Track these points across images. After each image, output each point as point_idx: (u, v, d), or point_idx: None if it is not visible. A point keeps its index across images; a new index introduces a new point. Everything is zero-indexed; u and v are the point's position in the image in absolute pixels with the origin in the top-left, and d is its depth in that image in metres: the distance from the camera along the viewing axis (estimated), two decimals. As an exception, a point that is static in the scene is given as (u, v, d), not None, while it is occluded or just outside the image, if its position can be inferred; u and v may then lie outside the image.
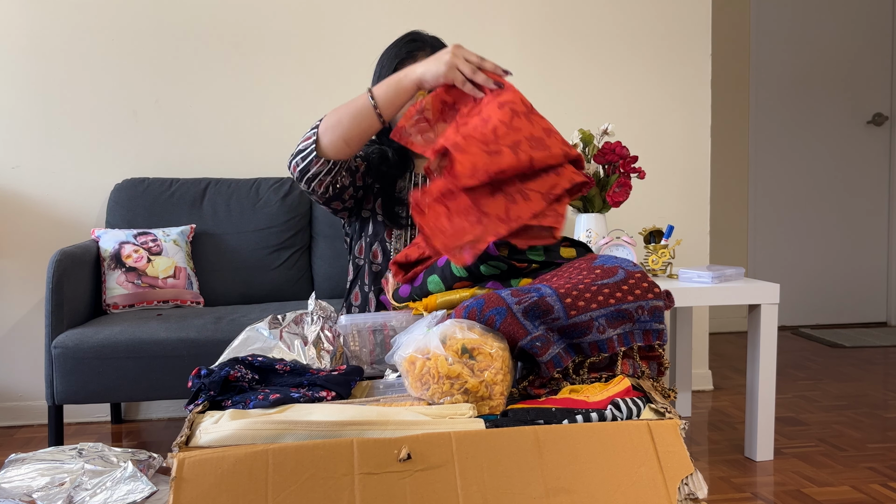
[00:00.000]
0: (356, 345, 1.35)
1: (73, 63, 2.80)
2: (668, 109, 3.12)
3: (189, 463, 0.88)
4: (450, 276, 1.33)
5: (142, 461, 1.29)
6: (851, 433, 2.57)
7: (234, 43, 2.88)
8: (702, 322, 3.20)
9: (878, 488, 2.10)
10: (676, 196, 3.13)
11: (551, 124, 1.36)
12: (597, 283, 1.15)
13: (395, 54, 1.72)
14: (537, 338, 1.09)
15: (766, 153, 4.36)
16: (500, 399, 1.06)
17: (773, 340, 2.32)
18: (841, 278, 4.45)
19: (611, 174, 2.49)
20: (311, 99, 2.92)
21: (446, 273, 1.33)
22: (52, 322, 2.25)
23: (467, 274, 1.31)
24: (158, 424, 2.83)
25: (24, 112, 2.78)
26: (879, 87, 4.39)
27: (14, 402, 2.82)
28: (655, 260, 2.46)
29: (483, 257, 1.27)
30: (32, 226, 2.79)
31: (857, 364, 3.53)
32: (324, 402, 1.07)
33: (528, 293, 1.12)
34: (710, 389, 3.18)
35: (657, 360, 1.17)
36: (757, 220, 4.38)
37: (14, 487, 1.24)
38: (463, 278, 1.32)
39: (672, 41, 3.10)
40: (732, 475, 2.22)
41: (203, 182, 2.76)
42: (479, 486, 0.90)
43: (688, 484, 0.93)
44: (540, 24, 3.03)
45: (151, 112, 2.85)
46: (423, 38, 1.75)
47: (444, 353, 1.04)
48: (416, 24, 2.94)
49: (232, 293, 2.67)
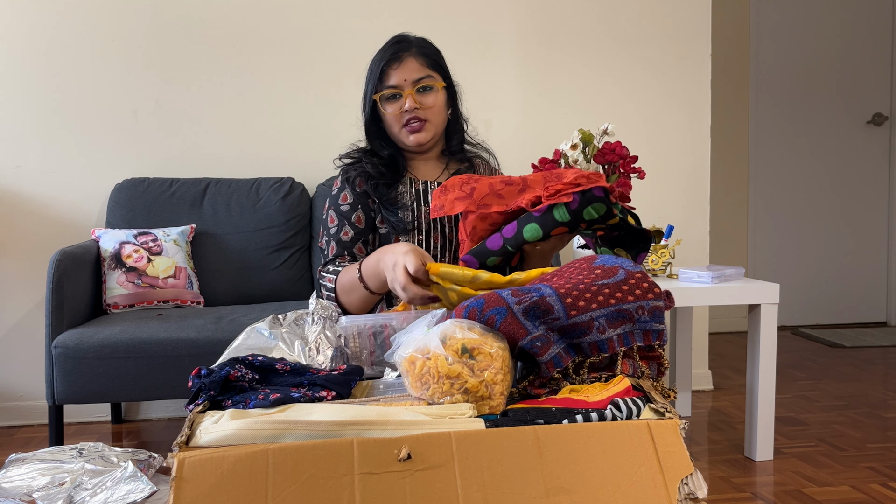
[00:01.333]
0: (356, 346, 1.35)
1: (73, 63, 2.80)
2: (667, 109, 3.12)
3: (189, 463, 0.88)
4: (550, 222, 1.40)
5: (142, 461, 1.29)
6: (851, 433, 2.57)
7: (234, 43, 2.88)
8: (702, 322, 3.20)
9: (878, 488, 2.10)
10: (676, 196, 3.13)
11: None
12: (597, 283, 1.15)
13: (381, 58, 1.71)
14: (537, 338, 1.09)
15: (766, 153, 4.36)
16: (500, 399, 1.06)
17: (773, 340, 2.32)
18: (841, 278, 4.45)
19: (611, 174, 2.49)
20: (311, 99, 2.92)
21: (546, 220, 1.40)
22: (53, 322, 2.25)
23: (569, 218, 1.39)
24: (158, 424, 2.83)
25: (24, 112, 2.78)
26: (879, 87, 4.39)
27: (14, 401, 2.82)
28: (655, 260, 2.46)
29: (587, 199, 1.38)
30: (32, 226, 2.79)
31: (857, 364, 3.53)
32: (324, 401, 1.07)
33: (528, 293, 1.12)
34: (710, 389, 3.18)
35: (657, 360, 1.17)
36: (757, 220, 4.38)
37: (14, 487, 1.24)
38: (563, 223, 1.40)
39: (672, 41, 3.10)
40: (732, 475, 2.22)
41: (203, 182, 2.76)
42: (479, 486, 0.90)
43: (688, 484, 0.93)
44: (540, 23, 3.03)
45: (151, 112, 2.85)
46: (408, 40, 1.73)
47: (444, 353, 1.04)
48: (416, 23, 2.94)
49: (232, 293, 2.67)
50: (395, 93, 1.70)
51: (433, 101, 1.71)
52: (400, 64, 1.69)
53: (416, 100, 1.69)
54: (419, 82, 1.69)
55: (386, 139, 1.78)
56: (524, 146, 3.01)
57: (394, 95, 1.70)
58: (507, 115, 3.02)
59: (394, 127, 1.73)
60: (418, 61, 1.70)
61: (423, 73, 1.69)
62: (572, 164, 2.50)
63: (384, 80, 1.70)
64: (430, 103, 1.71)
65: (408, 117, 1.70)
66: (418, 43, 1.73)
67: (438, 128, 1.75)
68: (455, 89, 1.79)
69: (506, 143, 2.99)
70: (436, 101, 1.71)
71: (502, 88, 3.02)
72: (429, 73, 1.70)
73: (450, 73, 1.78)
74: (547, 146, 2.96)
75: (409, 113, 1.69)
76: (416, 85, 1.69)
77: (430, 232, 1.71)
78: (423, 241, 1.71)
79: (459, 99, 1.81)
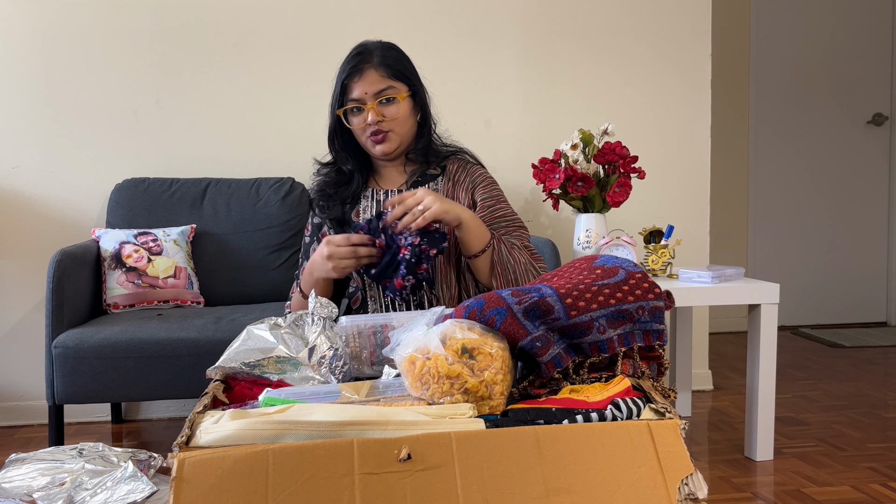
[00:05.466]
0: (356, 345, 1.35)
1: (73, 63, 2.80)
2: (668, 109, 3.12)
3: (189, 463, 0.88)
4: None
5: (142, 461, 1.29)
6: (851, 433, 2.57)
7: (234, 43, 2.88)
8: (702, 322, 3.20)
9: (878, 488, 2.10)
10: (676, 196, 3.13)
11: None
12: (597, 283, 1.15)
13: (343, 71, 1.72)
14: (537, 338, 1.09)
15: (766, 153, 4.36)
16: (500, 399, 1.06)
17: (773, 340, 2.32)
18: (841, 278, 4.45)
19: (611, 174, 2.49)
20: (311, 98, 2.92)
21: None
22: (53, 322, 2.25)
23: None
24: (158, 424, 2.83)
25: (24, 112, 2.78)
26: (879, 87, 4.39)
27: (14, 401, 2.82)
28: (655, 260, 2.46)
29: None
30: (32, 226, 2.79)
31: (857, 364, 3.53)
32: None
33: (528, 293, 1.12)
34: (710, 389, 3.18)
35: (657, 360, 1.17)
36: (757, 220, 4.38)
37: (14, 487, 1.24)
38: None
39: (672, 41, 3.10)
40: (732, 475, 2.22)
41: (203, 182, 2.76)
42: (480, 486, 0.90)
43: (688, 484, 0.93)
44: (540, 23, 3.03)
45: (151, 112, 2.85)
46: (369, 51, 1.72)
47: (444, 353, 1.04)
48: (416, 23, 2.94)
49: (232, 293, 2.67)
50: (357, 106, 1.71)
51: (396, 112, 1.71)
52: (361, 77, 1.69)
53: (378, 112, 1.70)
54: (381, 94, 1.70)
55: (354, 148, 1.80)
56: (524, 146, 3.00)
57: (357, 108, 1.71)
58: (507, 115, 3.02)
59: (360, 138, 1.76)
60: (379, 73, 1.70)
61: (385, 85, 1.70)
62: (573, 164, 2.50)
63: (346, 94, 1.71)
64: (393, 114, 1.71)
65: (371, 129, 1.71)
66: (380, 52, 1.72)
67: (404, 136, 1.76)
68: (422, 94, 1.79)
69: (506, 143, 2.99)
70: (398, 111, 1.72)
71: (502, 88, 3.01)
72: (390, 83, 1.70)
73: (418, 76, 1.78)
74: (547, 146, 2.96)
75: (372, 126, 1.71)
76: (377, 97, 1.70)
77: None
78: None
79: (429, 102, 1.81)
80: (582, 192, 2.45)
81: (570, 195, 2.49)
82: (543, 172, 2.51)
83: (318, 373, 1.27)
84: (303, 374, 1.26)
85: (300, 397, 1.12)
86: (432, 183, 1.79)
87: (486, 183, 1.80)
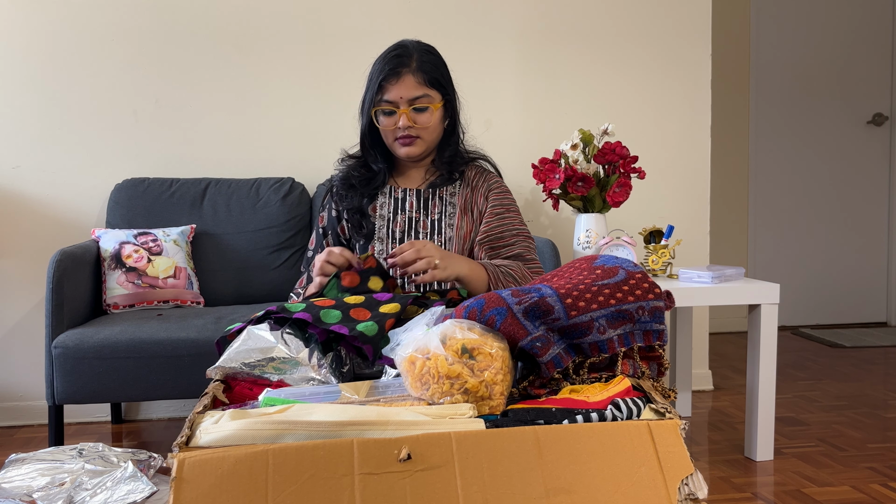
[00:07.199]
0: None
1: (73, 63, 2.80)
2: (668, 109, 3.12)
3: (189, 463, 0.88)
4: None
5: (142, 461, 1.29)
6: (851, 433, 2.57)
7: (234, 43, 2.88)
8: (702, 322, 3.20)
9: (878, 488, 2.10)
10: (676, 196, 3.13)
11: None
12: (597, 283, 1.15)
13: (380, 70, 1.71)
14: (538, 338, 1.09)
15: (766, 153, 4.35)
16: (500, 399, 1.06)
17: (773, 340, 2.32)
18: (841, 278, 4.45)
19: (611, 174, 2.49)
20: (311, 99, 2.92)
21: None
22: (53, 322, 2.25)
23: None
24: (158, 424, 2.83)
25: (24, 112, 2.78)
26: (879, 87, 4.39)
27: (14, 402, 2.82)
28: (655, 260, 2.46)
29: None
30: (32, 226, 2.79)
31: (857, 364, 3.53)
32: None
33: (528, 293, 1.12)
34: (710, 389, 3.18)
35: (657, 360, 1.17)
36: (757, 220, 4.38)
37: (14, 487, 1.24)
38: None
39: (672, 41, 3.10)
40: (732, 475, 2.22)
41: (203, 182, 2.76)
42: (480, 486, 0.90)
43: (688, 484, 0.93)
44: (540, 24, 3.03)
45: (151, 112, 2.85)
46: (408, 53, 1.72)
47: (444, 353, 1.04)
48: (416, 23, 2.94)
49: (232, 293, 2.67)
50: (390, 108, 1.71)
51: (427, 121, 1.72)
52: (398, 80, 1.69)
53: (410, 118, 1.71)
54: (415, 101, 1.70)
55: (381, 146, 1.81)
56: (524, 146, 3.00)
57: (390, 111, 1.72)
58: (507, 115, 3.02)
59: (387, 138, 1.77)
60: (416, 78, 1.70)
61: (420, 92, 1.70)
62: (573, 164, 2.50)
63: (381, 94, 1.71)
64: (425, 122, 1.72)
65: (401, 133, 1.72)
66: (419, 56, 1.72)
67: (431, 143, 1.78)
68: (455, 102, 1.79)
69: (506, 143, 2.99)
70: (430, 119, 1.73)
71: (502, 88, 3.01)
72: (426, 91, 1.71)
73: (452, 83, 1.79)
74: (547, 146, 2.96)
75: (402, 130, 1.72)
76: (411, 104, 1.70)
77: (404, 240, 1.75)
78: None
79: (459, 110, 1.82)
80: (582, 192, 2.45)
81: (570, 195, 2.49)
82: (543, 172, 2.51)
83: (318, 373, 1.26)
84: (303, 374, 1.26)
85: (300, 397, 1.12)
86: (450, 186, 1.80)
87: (499, 190, 1.81)
